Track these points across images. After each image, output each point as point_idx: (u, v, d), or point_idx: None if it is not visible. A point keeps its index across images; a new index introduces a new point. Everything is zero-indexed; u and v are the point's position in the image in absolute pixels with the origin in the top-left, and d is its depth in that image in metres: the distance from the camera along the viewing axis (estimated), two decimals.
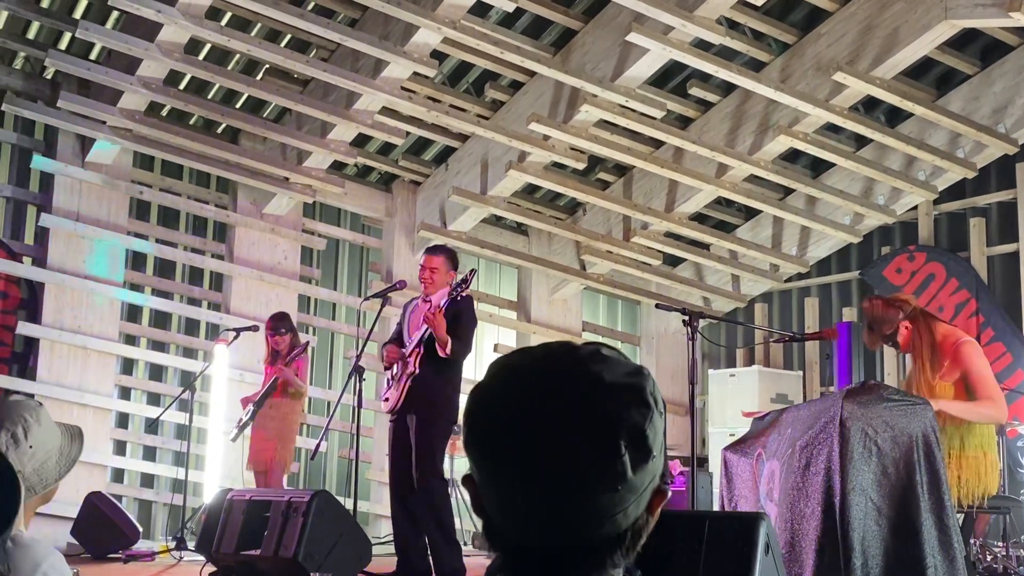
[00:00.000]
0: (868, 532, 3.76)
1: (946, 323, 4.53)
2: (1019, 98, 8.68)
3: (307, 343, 7.70)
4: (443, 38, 7.83)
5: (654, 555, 1.25)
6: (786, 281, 10.74)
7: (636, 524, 1.08)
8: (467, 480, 1.10)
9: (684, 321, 4.81)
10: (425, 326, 5.53)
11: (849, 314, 10.10)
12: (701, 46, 7.97)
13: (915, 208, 9.75)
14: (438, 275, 5.75)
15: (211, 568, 5.40)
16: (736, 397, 9.35)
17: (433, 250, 5.92)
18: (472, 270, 5.52)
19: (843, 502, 3.77)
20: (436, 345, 5.50)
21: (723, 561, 3.23)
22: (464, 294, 5.54)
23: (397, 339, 5.94)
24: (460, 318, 5.61)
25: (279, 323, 7.64)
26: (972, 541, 5.11)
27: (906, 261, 9.60)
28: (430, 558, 5.59)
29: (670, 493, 1.12)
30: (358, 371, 6.07)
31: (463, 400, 6.28)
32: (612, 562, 1.07)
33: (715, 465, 6.82)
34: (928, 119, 8.73)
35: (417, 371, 5.60)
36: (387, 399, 5.80)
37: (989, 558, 6.06)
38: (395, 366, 5.75)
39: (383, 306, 6.27)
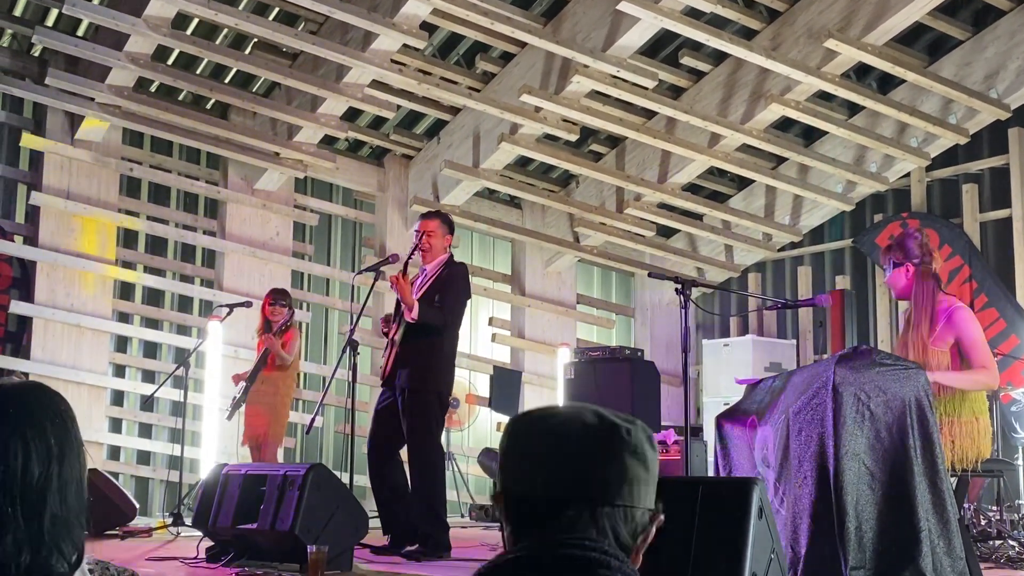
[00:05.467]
0: (862, 496, 3.77)
1: (946, 294, 4.55)
2: (1011, 63, 8.66)
3: (292, 312, 7.69)
4: (432, 9, 7.78)
5: None
6: (779, 250, 10.74)
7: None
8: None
9: (677, 290, 4.81)
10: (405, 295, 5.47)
11: (842, 282, 10.12)
12: (692, 14, 7.93)
13: (908, 175, 9.74)
14: (435, 239, 5.68)
15: (208, 542, 5.41)
16: (730, 366, 9.36)
17: (428, 215, 5.87)
18: (394, 254, 5.50)
19: (836, 467, 3.78)
20: (403, 309, 5.46)
21: (717, 526, 3.24)
22: (459, 262, 5.48)
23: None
24: (448, 285, 5.56)
25: (279, 296, 7.65)
26: (966, 505, 5.14)
27: (899, 228, 9.59)
28: (417, 526, 5.57)
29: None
30: (352, 345, 6.07)
31: (460, 373, 6.27)
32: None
33: (709, 434, 6.85)
34: (920, 85, 8.71)
35: (398, 339, 5.56)
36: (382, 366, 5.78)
37: (983, 522, 6.10)
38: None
39: (376, 280, 6.25)
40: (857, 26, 7.98)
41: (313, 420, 6.13)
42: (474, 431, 10.38)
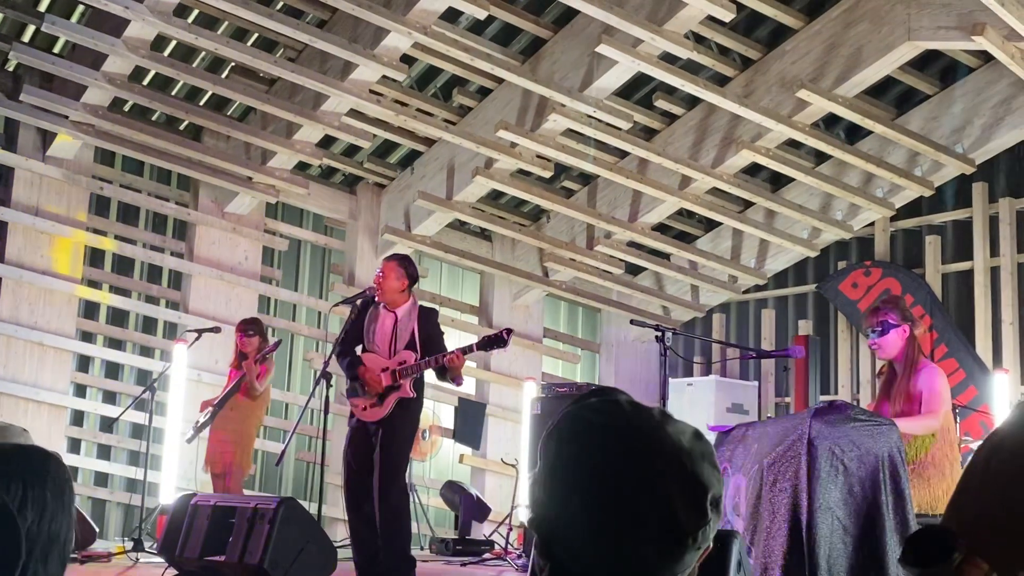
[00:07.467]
0: (834, 550, 3.84)
1: (925, 357, 4.68)
2: (977, 119, 8.86)
3: (278, 341, 7.65)
4: (413, 43, 7.83)
5: None
6: (744, 292, 10.86)
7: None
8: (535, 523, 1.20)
9: (657, 338, 4.86)
10: (437, 356, 5.57)
11: (805, 327, 10.25)
12: (668, 59, 8.05)
13: (872, 224, 9.91)
14: (386, 281, 5.73)
15: (173, 572, 5.36)
16: (693, 406, 9.43)
17: (388, 256, 6.03)
18: (508, 329, 5.56)
19: (809, 520, 3.84)
20: (450, 378, 5.61)
21: None
22: (431, 307, 5.61)
23: (353, 340, 5.85)
24: (436, 333, 5.76)
25: (249, 326, 7.63)
26: None
27: (862, 276, 9.77)
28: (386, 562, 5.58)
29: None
30: (326, 377, 6.04)
31: (425, 404, 6.29)
32: None
33: None
34: (887, 137, 8.89)
35: (413, 395, 5.64)
36: (364, 408, 5.70)
37: None
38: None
39: (352, 313, 6.23)
40: (829, 77, 8.15)
41: (284, 452, 6.07)
42: (435, 462, 10.36)
